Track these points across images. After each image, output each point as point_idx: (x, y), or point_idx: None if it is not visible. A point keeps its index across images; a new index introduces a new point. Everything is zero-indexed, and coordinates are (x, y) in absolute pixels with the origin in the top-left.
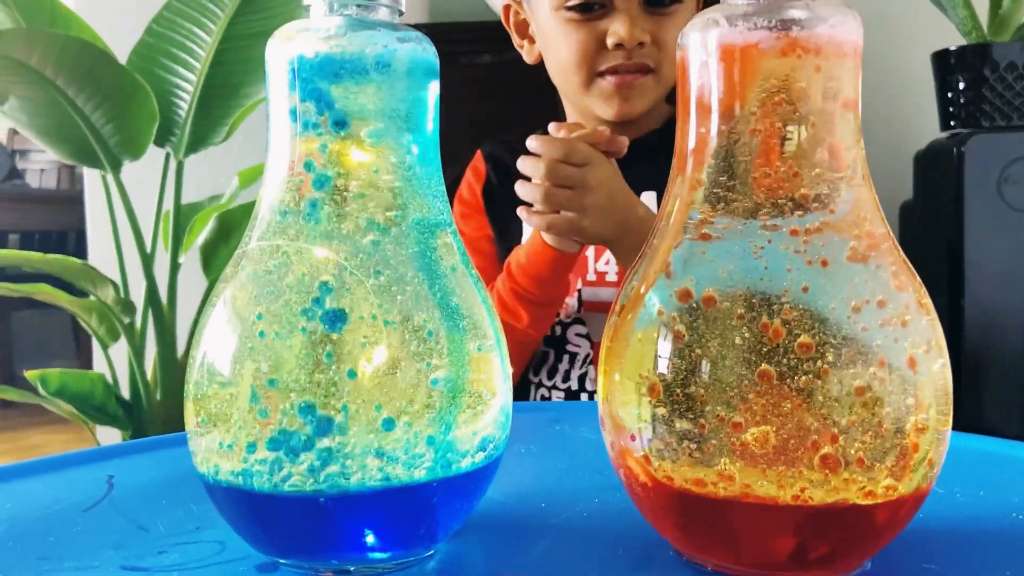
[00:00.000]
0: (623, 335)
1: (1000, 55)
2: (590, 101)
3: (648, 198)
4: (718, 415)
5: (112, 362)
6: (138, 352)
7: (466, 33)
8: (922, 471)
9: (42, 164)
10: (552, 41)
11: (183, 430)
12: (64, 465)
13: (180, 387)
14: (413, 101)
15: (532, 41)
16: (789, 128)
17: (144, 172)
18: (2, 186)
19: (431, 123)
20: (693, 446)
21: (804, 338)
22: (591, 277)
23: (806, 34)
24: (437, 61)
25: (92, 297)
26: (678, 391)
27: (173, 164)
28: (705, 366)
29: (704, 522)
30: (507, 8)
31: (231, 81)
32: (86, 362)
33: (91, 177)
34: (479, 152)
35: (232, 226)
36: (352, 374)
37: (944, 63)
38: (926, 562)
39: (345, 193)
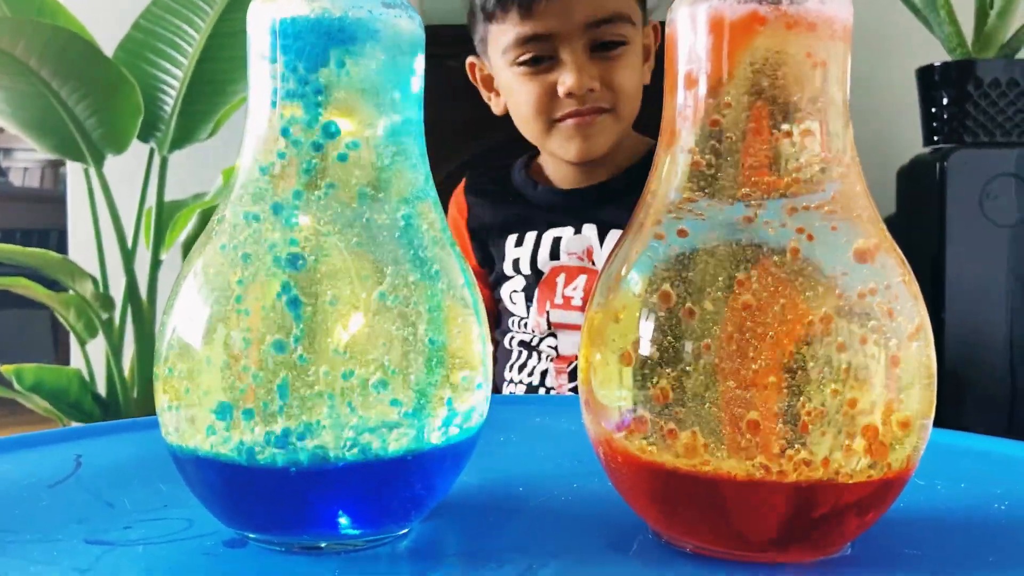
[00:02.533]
0: (605, 313)
1: (984, 72)
2: (553, 146)
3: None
4: (699, 392)
5: (89, 358)
6: (116, 348)
7: (453, 35)
8: (904, 452)
9: (26, 163)
10: (510, 94)
11: None
12: (33, 444)
13: None
14: (397, 69)
15: (498, 94)
16: (777, 106)
17: (127, 168)
18: None
19: (415, 94)
20: (673, 423)
21: (789, 313)
22: (558, 300)
23: (796, 9)
24: (423, 32)
25: (71, 292)
26: (659, 368)
27: (157, 160)
28: (686, 343)
29: (683, 501)
30: (472, 65)
31: (217, 78)
32: (64, 361)
33: (74, 173)
34: (461, 185)
35: None
36: (327, 344)
37: (928, 79)
38: (907, 547)
39: (324, 161)
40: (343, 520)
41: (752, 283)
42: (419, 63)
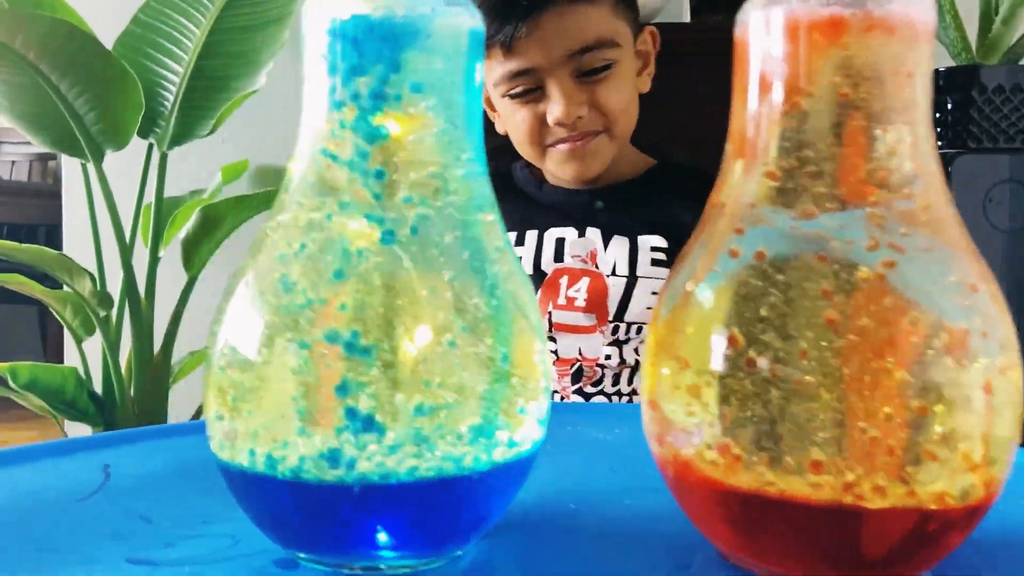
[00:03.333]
0: (675, 329)
1: (988, 77)
2: (550, 167)
3: (650, 241)
4: (781, 413)
5: (85, 356)
6: (113, 346)
7: None
8: (992, 478)
9: (14, 156)
10: (505, 121)
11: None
12: (56, 453)
13: (155, 383)
14: (459, 70)
15: (499, 115)
16: (860, 113)
17: (125, 163)
18: None
19: (476, 94)
20: (755, 445)
21: (877, 334)
22: (561, 301)
23: (880, 11)
24: (484, 29)
25: (67, 288)
26: (738, 388)
27: (156, 156)
28: (767, 363)
29: (760, 525)
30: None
31: (219, 74)
32: (53, 357)
33: (70, 167)
34: None
35: (216, 221)
36: (390, 357)
37: (933, 83)
38: (986, 571)
39: (383, 166)
40: (397, 541)
41: (838, 299)
42: (480, 64)
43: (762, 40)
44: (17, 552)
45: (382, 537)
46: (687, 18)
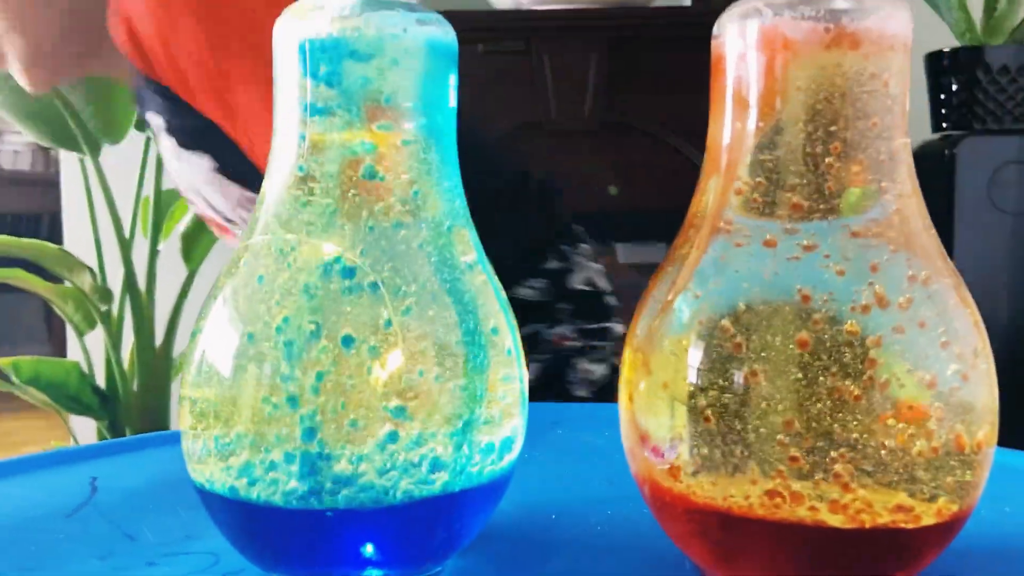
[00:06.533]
0: (652, 341)
1: (993, 58)
2: None
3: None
4: (755, 428)
5: (88, 350)
6: (115, 340)
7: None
8: (970, 491)
9: (16, 146)
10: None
11: (161, 421)
12: (45, 464)
13: (157, 377)
14: (431, 88)
15: None
16: (833, 127)
17: (123, 156)
18: None
19: (449, 112)
20: (728, 461)
21: (848, 348)
22: None
23: (855, 26)
24: (457, 46)
25: (68, 283)
26: (713, 403)
27: (153, 149)
28: (742, 377)
29: (736, 541)
30: None
31: None
32: (58, 350)
33: (68, 160)
34: None
35: None
36: (361, 377)
37: (937, 64)
38: None
39: (355, 183)
40: (379, 560)
41: (809, 316)
42: (453, 76)
43: (736, 53)
44: (1, 571)
45: (353, 558)
46: (688, 2)
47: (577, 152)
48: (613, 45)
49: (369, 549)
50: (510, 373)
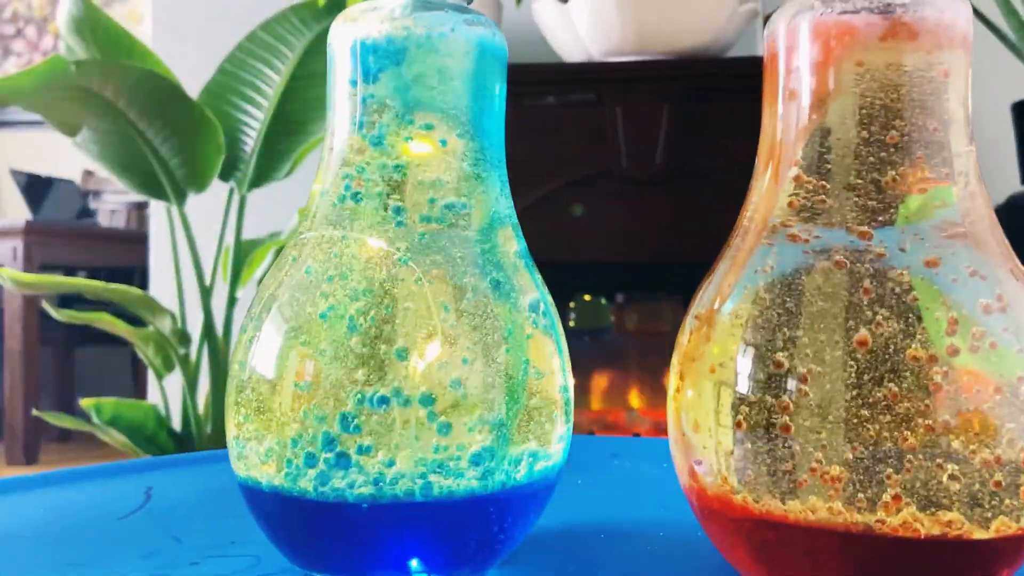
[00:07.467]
0: (700, 350)
1: None
2: None
3: None
4: (809, 438)
5: (165, 393)
6: (191, 383)
7: (530, 75)
8: None
9: (113, 205)
10: None
11: None
12: (105, 475)
13: None
14: (480, 89)
15: None
16: (892, 125)
17: (207, 206)
18: (73, 224)
19: (497, 114)
20: (781, 470)
21: (911, 356)
22: None
23: (911, 17)
24: (506, 48)
25: (150, 327)
26: (764, 411)
27: (236, 199)
28: (795, 385)
29: (788, 554)
30: None
31: (297, 118)
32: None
33: (157, 213)
34: None
35: None
36: (408, 376)
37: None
38: None
39: (405, 184)
40: (415, 562)
41: (869, 322)
42: (502, 78)
43: (789, 49)
44: (47, 564)
45: (392, 558)
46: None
47: (646, 200)
48: (682, 96)
49: (405, 547)
50: (555, 375)
